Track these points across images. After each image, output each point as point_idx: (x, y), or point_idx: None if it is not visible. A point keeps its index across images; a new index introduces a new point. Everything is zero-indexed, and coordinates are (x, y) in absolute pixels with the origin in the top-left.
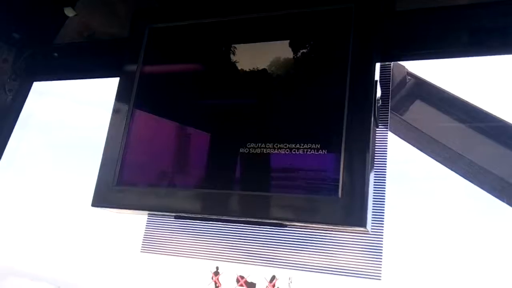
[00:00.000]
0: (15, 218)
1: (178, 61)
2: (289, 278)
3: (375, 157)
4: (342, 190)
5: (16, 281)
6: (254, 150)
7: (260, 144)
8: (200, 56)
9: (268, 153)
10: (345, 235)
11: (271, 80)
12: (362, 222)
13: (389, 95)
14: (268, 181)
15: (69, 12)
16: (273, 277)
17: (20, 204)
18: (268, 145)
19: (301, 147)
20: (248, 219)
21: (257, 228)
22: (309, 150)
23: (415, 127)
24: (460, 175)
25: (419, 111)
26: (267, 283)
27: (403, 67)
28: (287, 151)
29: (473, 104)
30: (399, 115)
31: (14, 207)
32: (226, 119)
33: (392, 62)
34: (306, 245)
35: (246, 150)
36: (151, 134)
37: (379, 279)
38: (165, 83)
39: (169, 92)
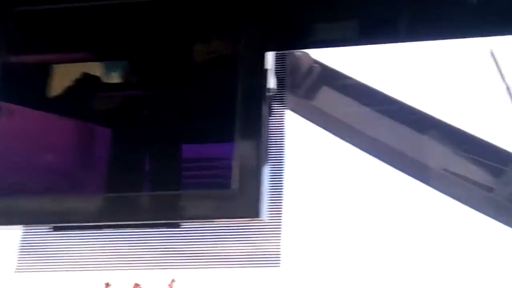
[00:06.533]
0: None
1: (51, 49)
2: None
3: (272, 144)
4: (235, 182)
5: None
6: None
7: (148, 141)
8: (79, 43)
9: (156, 151)
10: (240, 225)
11: (163, 74)
12: (256, 213)
13: (285, 83)
14: (148, 179)
15: None
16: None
17: None
18: (156, 143)
19: (196, 141)
20: (131, 223)
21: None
22: (204, 144)
23: (324, 112)
24: (375, 157)
25: (326, 96)
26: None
27: (308, 55)
28: (180, 147)
29: (375, 89)
30: (309, 101)
31: None
32: (114, 116)
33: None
34: (201, 242)
35: (131, 149)
36: (22, 134)
37: (278, 266)
38: (38, 74)
39: (43, 85)
